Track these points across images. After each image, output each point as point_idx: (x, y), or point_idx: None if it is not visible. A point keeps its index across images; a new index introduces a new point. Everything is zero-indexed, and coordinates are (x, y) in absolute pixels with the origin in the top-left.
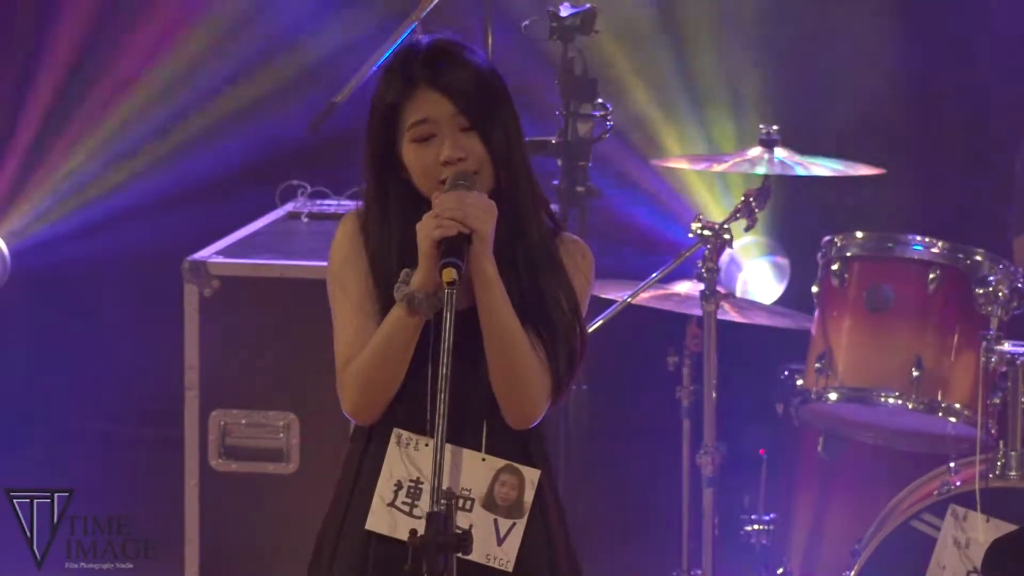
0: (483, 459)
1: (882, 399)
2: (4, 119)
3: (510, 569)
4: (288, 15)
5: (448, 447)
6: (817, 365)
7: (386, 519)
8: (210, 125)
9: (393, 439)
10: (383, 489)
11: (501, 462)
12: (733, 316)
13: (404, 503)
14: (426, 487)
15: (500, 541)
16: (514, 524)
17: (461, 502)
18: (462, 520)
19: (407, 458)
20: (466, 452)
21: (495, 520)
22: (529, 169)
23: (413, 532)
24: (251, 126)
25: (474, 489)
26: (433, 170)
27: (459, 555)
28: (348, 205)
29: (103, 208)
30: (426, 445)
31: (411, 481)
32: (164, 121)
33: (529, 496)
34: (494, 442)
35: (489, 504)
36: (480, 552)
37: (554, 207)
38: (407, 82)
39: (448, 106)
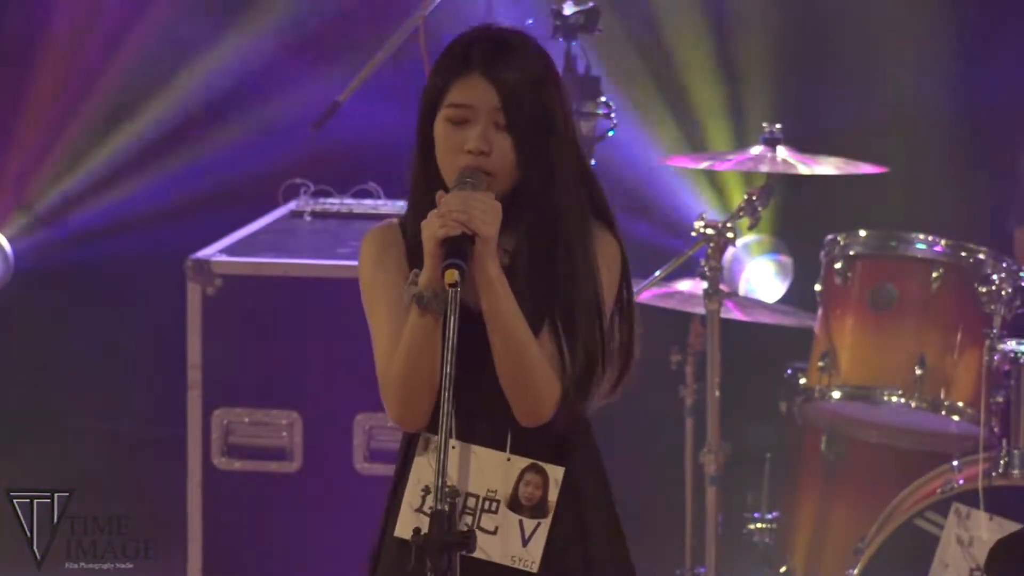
0: (508, 459)
1: (885, 397)
2: (6, 120)
3: (535, 570)
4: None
5: (473, 448)
6: (820, 363)
7: (414, 525)
8: (213, 124)
9: (420, 444)
10: (411, 495)
11: (526, 461)
12: (736, 315)
13: (431, 508)
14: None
15: (525, 542)
16: (539, 524)
17: (487, 504)
18: (487, 522)
19: (434, 463)
20: (491, 453)
21: (520, 521)
22: (576, 173)
23: (417, 531)
24: (254, 125)
25: (499, 490)
26: (457, 153)
27: (484, 557)
28: (351, 203)
29: (107, 207)
30: (453, 447)
31: (445, 486)
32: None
33: (554, 495)
34: (521, 442)
35: (514, 505)
36: (505, 553)
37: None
38: (464, 62)
39: (494, 99)
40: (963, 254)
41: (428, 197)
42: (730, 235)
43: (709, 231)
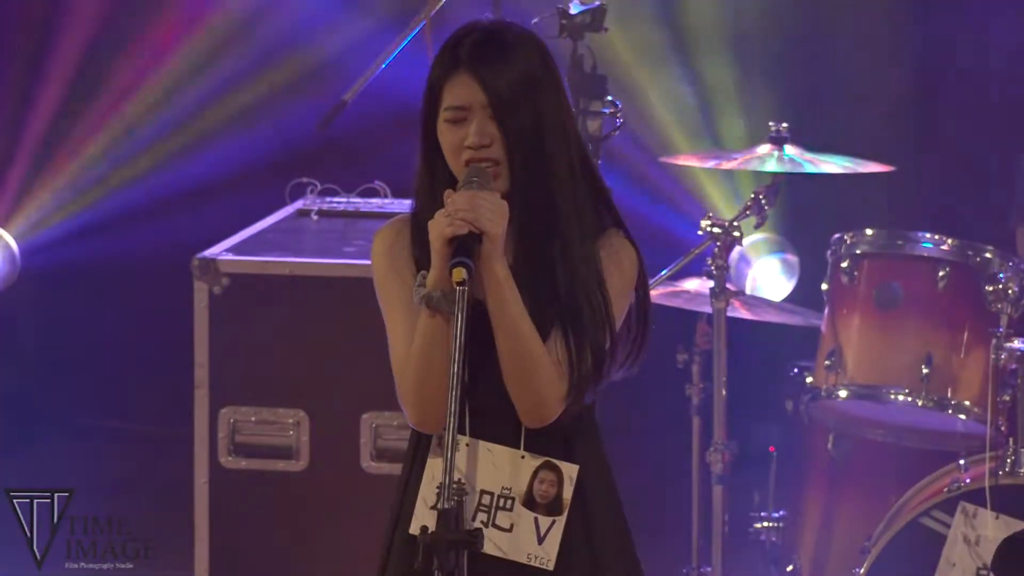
0: (522, 456)
1: (892, 396)
2: (12, 118)
3: (551, 568)
4: (297, 14)
5: (487, 446)
6: (827, 362)
7: (429, 523)
8: (219, 123)
9: (434, 441)
10: (426, 492)
11: (540, 459)
12: (743, 313)
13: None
14: (467, 487)
15: (540, 540)
16: (554, 522)
17: (502, 501)
18: (503, 519)
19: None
20: (505, 450)
21: (535, 518)
22: (572, 164)
23: (424, 529)
24: (260, 124)
25: (514, 488)
26: (460, 151)
27: (500, 555)
28: (357, 202)
29: (112, 206)
30: (467, 444)
31: (453, 483)
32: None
33: (568, 492)
34: (534, 440)
35: (529, 502)
36: (521, 551)
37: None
38: (452, 62)
39: (481, 95)
40: (969, 253)
41: (434, 195)
42: (737, 234)
43: (716, 230)
